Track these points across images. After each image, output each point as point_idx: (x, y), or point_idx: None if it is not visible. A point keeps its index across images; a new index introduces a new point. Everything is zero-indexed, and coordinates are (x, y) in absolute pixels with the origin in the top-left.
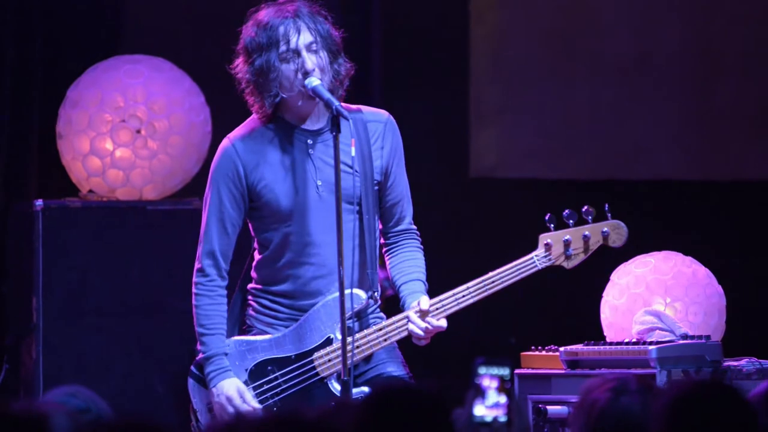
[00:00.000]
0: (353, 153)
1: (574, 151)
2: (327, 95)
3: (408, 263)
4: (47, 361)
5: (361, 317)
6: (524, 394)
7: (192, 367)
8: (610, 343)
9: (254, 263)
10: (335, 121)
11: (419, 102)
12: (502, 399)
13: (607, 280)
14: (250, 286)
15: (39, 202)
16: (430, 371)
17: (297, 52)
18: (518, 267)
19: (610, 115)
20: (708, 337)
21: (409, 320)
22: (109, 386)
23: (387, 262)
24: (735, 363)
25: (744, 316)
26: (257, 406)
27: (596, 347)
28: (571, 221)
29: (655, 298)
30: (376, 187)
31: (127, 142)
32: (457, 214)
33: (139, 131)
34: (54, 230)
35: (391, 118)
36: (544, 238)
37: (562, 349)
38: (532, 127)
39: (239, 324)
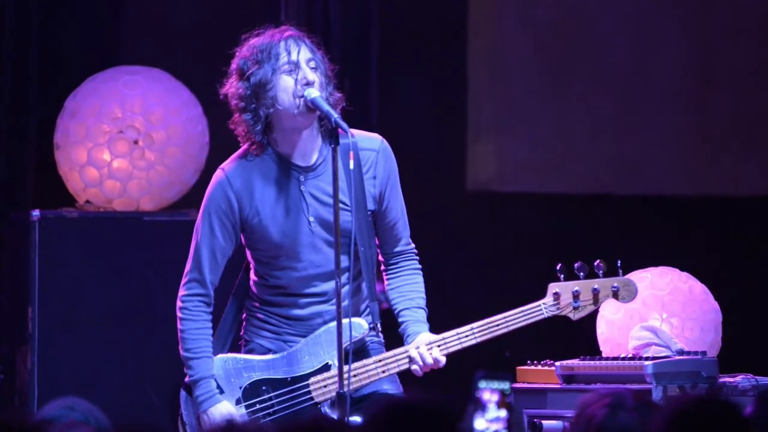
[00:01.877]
0: (351, 166)
1: (570, 166)
2: (326, 107)
3: (408, 287)
4: (42, 370)
5: (360, 344)
6: (520, 409)
7: (186, 380)
8: (606, 358)
9: (251, 281)
10: (333, 134)
11: (417, 115)
12: (502, 413)
13: None
14: (247, 300)
15: (36, 213)
16: (424, 385)
17: (297, 65)
18: (525, 313)
19: (607, 129)
20: (704, 353)
21: (410, 358)
22: (104, 396)
23: (386, 284)
24: (731, 379)
25: (740, 332)
26: None
27: (592, 362)
28: (581, 273)
29: (652, 314)
30: (370, 218)
31: (124, 153)
32: (454, 227)
33: (136, 142)
34: (50, 240)
35: (384, 143)
36: (554, 287)
37: (557, 363)
38: (529, 140)
39: (233, 337)
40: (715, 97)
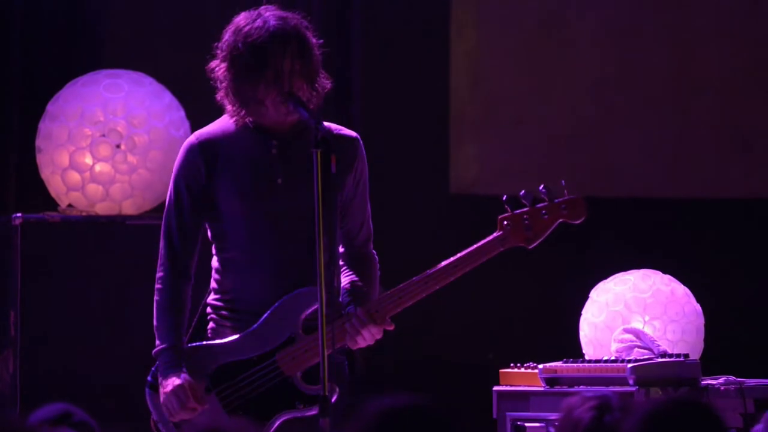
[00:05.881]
0: (334, 170)
1: (553, 168)
2: (307, 114)
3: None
4: (25, 375)
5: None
6: (503, 412)
7: (149, 378)
8: (589, 361)
9: (213, 271)
10: (315, 138)
11: (400, 118)
12: None
13: (586, 297)
14: (209, 299)
15: (18, 216)
16: (409, 388)
17: (281, 75)
18: (481, 249)
19: (589, 132)
20: (686, 355)
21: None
22: (88, 400)
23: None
24: (713, 381)
25: (722, 334)
26: (202, 405)
27: (575, 365)
28: (527, 201)
29: (634, 316)
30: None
31: (106, 157)
32: (438, 230)
33: (119, 146)
34: (33, 244)
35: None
36: (503, 219)
37: (540, 366)
38: (512, 143)
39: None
40: (697, 98)
